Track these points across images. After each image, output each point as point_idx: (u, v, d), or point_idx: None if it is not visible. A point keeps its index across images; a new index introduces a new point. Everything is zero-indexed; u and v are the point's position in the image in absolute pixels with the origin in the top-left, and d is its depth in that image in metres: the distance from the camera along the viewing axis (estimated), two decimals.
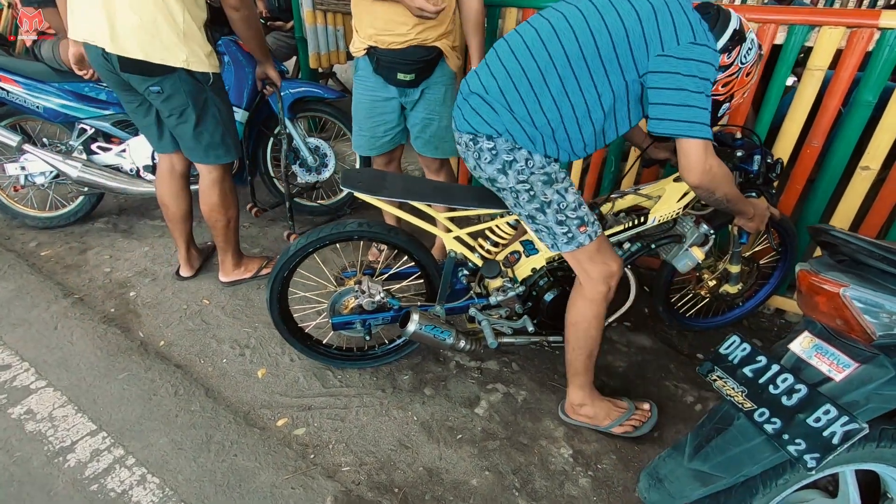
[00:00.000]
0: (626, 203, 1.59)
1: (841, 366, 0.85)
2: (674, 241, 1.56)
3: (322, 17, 3.10)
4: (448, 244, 1.51)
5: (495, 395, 1.68)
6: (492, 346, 1.52)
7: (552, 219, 1.26)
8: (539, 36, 1.15)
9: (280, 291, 1.58)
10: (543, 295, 1.56)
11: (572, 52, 1.12)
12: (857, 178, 1.76)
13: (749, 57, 1.20)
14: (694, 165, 1.13)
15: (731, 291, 1.78)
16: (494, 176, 1.25)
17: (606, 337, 1.97)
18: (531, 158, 1.20)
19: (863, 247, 0.80)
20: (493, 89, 1.18)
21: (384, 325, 1.62)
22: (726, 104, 1.26)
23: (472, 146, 1.24)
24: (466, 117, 1.23)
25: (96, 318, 1.92)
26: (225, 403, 1.62)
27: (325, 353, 1.72)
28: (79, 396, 1.59)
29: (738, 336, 0.99)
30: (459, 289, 1.61)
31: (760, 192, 1.54)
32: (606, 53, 1.11)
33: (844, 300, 0.81)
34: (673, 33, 1.08)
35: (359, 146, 2.02)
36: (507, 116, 1.17)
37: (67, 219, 2.52)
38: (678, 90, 1.09)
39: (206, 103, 1.74)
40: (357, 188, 1.39)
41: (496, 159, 1.21)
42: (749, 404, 0.89)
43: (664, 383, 1.78)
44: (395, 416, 1.60)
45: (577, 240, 1.28)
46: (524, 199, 1.25)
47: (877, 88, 1.62)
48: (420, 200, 1.41)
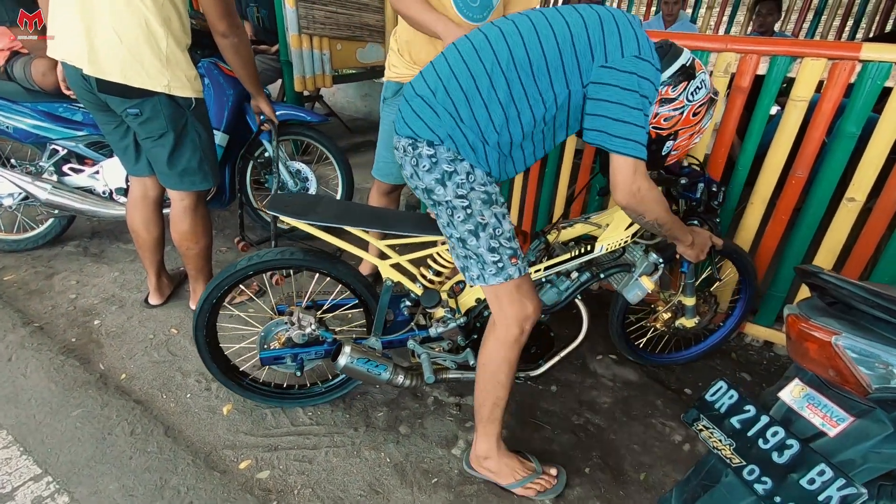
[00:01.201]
0: (576, 232, 1.54)
1: (835, 419, 0.78)
2: (623, 271, 1.51)
3: (308, 41, 3.10)
4: (384, 272, 1.43)
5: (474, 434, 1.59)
6: (428, 380, 1.44)
7: (485, 244, 1.16)
8: (487, 39, 1.11)
9: (206, 329, 1.48)
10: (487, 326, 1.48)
11: (518, 55, 1.08)
12: (843, 210, 1.73)
13: (697, 96, 1.18)
14: (621, 183, 1.11)
15: (688, 325, 1.72)
16: (432, 186, 1.14)
17: (591, 370, 1.90)
18: (472, 173, 1.12)
19: (856, 293, 0.75)
20: (440, 91, 1.11)
21: (318, 359, 1.53)
22: (670, 142, 1.23)
23: (411, 151, 1.15)
24: (407, 120, 1.15)
25: (55, 349, 1.82)
26: (185, 443, 1.51)
27: (258, 390, 1.61)
28: (25, 436, 1.48)
29: (724, 382, 0.93)
30: (402, 320, 1.53)
31: (703, 221, 1.53)
32: (552, 58, 1.07)
33: (836, 349, 0.75)
34: (618, 44, 1.06)
35: (388, 174, 1.96)
36: (450, 123, 1.10)
37: (36, 242, 2.42)
38: (616, 104, 1.06)
39: (186, 128, 1.68)
40: (284, 212, 1.31)
41: (435, 168, 1.12)
42: (738, 460, 0.82)
43: (651, 421, 1.70)
44: (367, 457, 1.51)
45: (507, 271, 1.17)
46: (459, 218, 1.15)
47: (860, 120, 1.61)
48: (354, 226, 1.33)
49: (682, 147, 1.26)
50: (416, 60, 1.72)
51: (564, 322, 1.78)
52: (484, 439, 1.39)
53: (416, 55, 1.72)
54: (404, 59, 1.75)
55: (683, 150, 1.28)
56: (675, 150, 1.26)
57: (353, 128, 4.23)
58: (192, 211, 1.82)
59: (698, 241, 1.40)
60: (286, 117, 2.44)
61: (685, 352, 1.95)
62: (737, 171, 1.88)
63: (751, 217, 1.91)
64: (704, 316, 1.74)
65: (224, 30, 1.67)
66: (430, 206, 1.22)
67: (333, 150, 2.58)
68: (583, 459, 1.55)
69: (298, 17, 2.99)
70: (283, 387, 1.65)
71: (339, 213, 1.35)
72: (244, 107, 2.40)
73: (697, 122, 1.23)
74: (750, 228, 1.92)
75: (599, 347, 2.01)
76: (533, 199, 2.39)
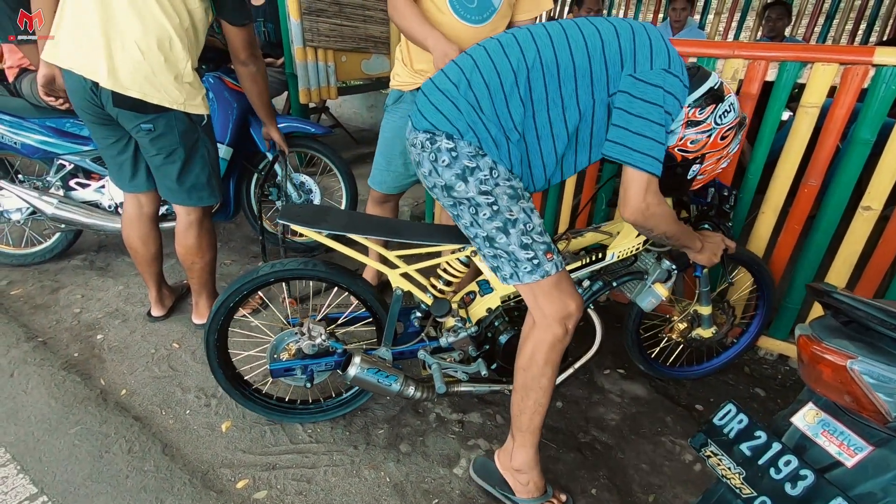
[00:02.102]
0: (586, 241, 1.51)
1: (853, 448, 0.73)
2: (636, 279, 1.47)
3: (313, 53, 3.11)
4: (394, 281, 1.40)
5: (477, 452, 1.55)
6: (439, 391, 1.40)
7: (516, 241, 1.09)
8: (516, 38, 1.09)
9: (218, 333, 1.47)
10: (499, 337, 1.45)
11: (546, 56, 1.05)
12: (859, 219, 1.67)
13: (725, 119, 1.15)
14: (631, 199, 1.08)
15: (704, 335, 1.67)
16: (452, 183, 1.08)
17: (598, 385, 1.85)
18: (496, 168, 1.07)
19: (873, 314, 0.70)
20: (462, 84, 1.07)
21: (328, 371, 1.51)
22: (696, 165, 1.20)
23: (429, 146, 1.09)
24: (425, 114, 1.11)
25: (57, 365, 1.82)
26: (182, 462, 1.49)
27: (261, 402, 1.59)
28: (24, 454, 1.47)
29: (733, 405, 0.88)
30: (412, 331, 1.50)
31: (715, 225, 1.49)
32: (581, 63, 1.05)
33: (852, 374, 0.71)
34: (648, 56, 1.04)
35: (381, 183, 1.94)
36: (471, 115, 1.05)
37: (43, 256, 2.44)
38: (638, 117, 1.03)
39: (197, 144, 1.69)
40: (295, 221, 1.30)
41: (455, 163, 1.06)
42: (748, 490, 0.78)
43: (660, 439, 1.64)
44: (367, 476, 1.47)
45: (543, 267, 1.10)
46: (485, 216, 1.09)
47: (874, 126, 1.55)
48: (363, 234, 1.32)
49: (708, 171, 1.23)
50: (417, 70, 1.71)
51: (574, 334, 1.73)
52: (522, 451, 1.32)
53: (416, 64, 1.71)
54: (407, 69, 1.74)
55: (710, 174, 1.25)
56: (701, 174, 1.23)
57: (359, 139, 4.24)
58: (198, 225, 1.82)
59: (709, 245, 1.38)
60: (291, 129, 2.44)
61: (699, 366, 1.89)
62: (747, 178, 1.83)
63: (762, 226, 1.85)
64: (721, 327, 1.69)
65: (245, 58, 1.71)
66: (448, 205, 1.15)
67: (337, 161, 2.58)
68: (589, 479, 1.49)
69: (303, 30, 3.00)
70: (285, 401, 1.63)
71: (348, 223, 1.34)
72: (248, 120, 2.41)
73: (725, 146, 1.19)
74: (762, 238, 1.86)
75: (607, 362, 1.95)
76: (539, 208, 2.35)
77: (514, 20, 1.70)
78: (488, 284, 1.45)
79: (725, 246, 1.43)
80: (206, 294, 1.98)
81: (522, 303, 1.45)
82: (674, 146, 1.16)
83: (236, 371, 1.58)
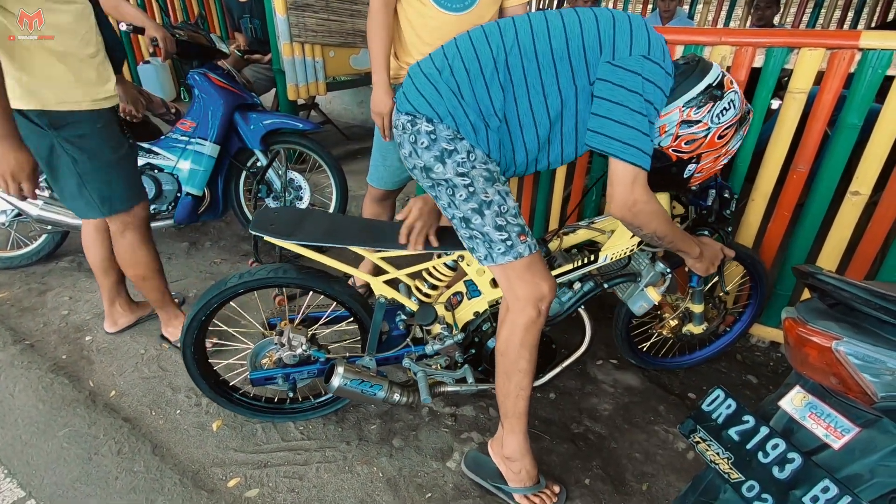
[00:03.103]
0: (578, 238, 1.47)
1: (839, 430, 0.73)
2: (629, 280, 1.45)
3: (300, 48, 3.08)
4: (377, 289, 1.37)
5: (470, 446, 1.54)
6: (425, 402, 1.37)
7: (490, 222, 1.11)
8: (498, 26, 1.10)
9: (195, 346, 1.44)
10: (487, 341, 1.42)
11: (525, 41, 1.05)
12: (848, 204, 1.67)
13: (723, 118, 1.11)
14: (617, 194, 1.05)
15: (696, 331, 1.66)
16: (430, 164, 1.10)
17: (591, 376, 1.85)
18: (473, 152, 1.09)
19: (857, 295, 0.70)
20: (445, 70, 1.09)
21: (310, 378, 1.48)
22: (692, 165, 1.17)
23: (410, 128, 1.11)
24: (408, 96, 1.12)
25: (45, 367, 1.79)
26: (173, 462, 1.47)
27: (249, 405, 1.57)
28: (11, 457, 1.45)
29: (721, 390, 0.88)
30: (397, 335, 1.47)
31: (714, 231, 1.44)
32: (558, 48, 1.04)
33: (838, 355, 0.70)
34: (627, 43, 1.02)
35: (379, 179, 1.90)
36: (452, 100, 1.07)
37: (30, 258, 2.41)
38: (619, 105, 1.01)
39: (53, 151, 1.44)
40: (267, 232, 1.24)
41: (434, 145, 1.08)
42: (736, 475, 0.77)
43: (653, 428, 1.64)
44: (360, 472, 1.46)
45: (517, 249, 1.12)
46: (461, 197, 1.10)
47: (861, 111, 1.55)
48: (343, 244, 1.27)
49: (706, 170, 1.20)
50: (405, 63, 1.70)
51: (565, 328, 1.73)
52: (512, 438, 1.31)
53: (404, 57, 1.70)
54: (396, 62, 1.72)
55: (708, 172, 1.21)
56: (698, 172, 1.19)
57: (350, 135, 4.22)
58: (119, 237, 1.67)
59: (707, 253, 1.32)
60: (279, 126, 2.42)
61: (691, 356, 1.89)
62: (736, 166, 1.82)
63: (752, 214, 1.85)
64: (713, 322, 1.68)
65: None
66: (427, 186, 1.17)
67: (327, 158, 2.56)
68: (583, 470, 1.49)
69: (290, 26, 2.97)
70: (274, 401, 1.61)
71: (327, 230, 1.30)
72: (235, 117, 2.38)
73: (723, 144, 1.15)
74: (752, 226, 1.86)
75: (600, 352, 1.95)
76: (529, 203, 2.35)
77: (505, 7, 1.68)
78: (476, 287, 1.42)
79: (724, 255, 1.38)
80: (163, 306, 1.87)
81: None
82: (668, 146, 1.13)
83: (221, 378, 1.56)
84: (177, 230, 2.79)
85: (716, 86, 1.09)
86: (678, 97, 1.08)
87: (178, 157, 2.32)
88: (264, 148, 2.43)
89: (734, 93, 1.12)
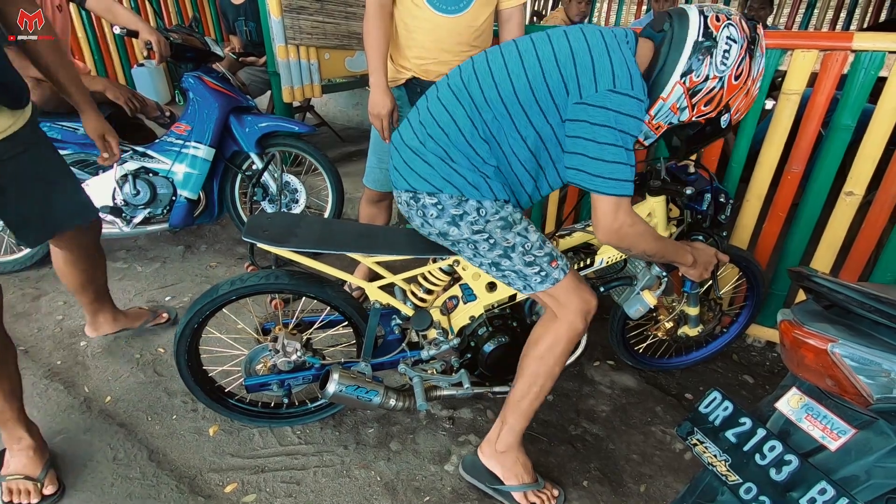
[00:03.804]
0: (574, 241, 1.48)
1: (836, 432, 0.73)
2: (625, 283, 1.45)
3: (295, 51, 3.07)
4: (371, 295, 1.37)
5: (468, 449, 1.54)
6: (420, 408, 1.36)
7: (519, 262, 1.16)
8: (462, 80, 1.11)
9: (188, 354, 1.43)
10: (483, 345, 1.42)
11: (492, 98, 1.07)
12: (842, 204, 1.68)
13: (729, 60, 1.01)
14: (601, 222, 1.08)
15: (691, 334, 1.66)
16: (445, 230, 1.16)
17: (588, 378, 1.85)
18: (482, 206, 1.12)
19: (853, 297, 0.70)
20: (428, 141, 1.12)
21: (305, 384, 1.47)
22: (725, 115, 1.11)
23: (415, 204, 1.16)
24: (403, 174, 1.16)
25: (39, 374, 1.78)
26: (169, 467, 1.46)
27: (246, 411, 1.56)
28: None
29: (718, 392, 0.88)
30: (393, 340, 1.47)
31: (709, 235, 1.44)
32: (525, 98, 1.06)
33: (833, 357, 0.70)
34: (591, 79, 1.00)
35: (375, 181, 1.91)
36: (444, 169, 1.10)
37: (23, 263, 2.39)
38: (591, 142, 1.01)
39: None
40: (260, 239, 1.23)
41: (443, 214, 1.14)
42: (734, 477, 0.77)
43: (650, 429, 1.64)
44: (357, 476, 1.46)
45: (552, 276, 1.17)
46: (484, 249, 1.16)
47: (854, 112, 1.56)
48: (339, 250, 1.26)
49: (742, 109, 1.13)
50: (401, 65, 1.70)
51: None
52: (510, 434, 1.33)
53: (399, 59, 1.70)
54: (392, 64, 1.72)
55: (745, 109, 1.14)
56: (735, 113, 1.13)
57: (346, 137, 4.21)
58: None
59: (701, 259, 1.32)
60: (274, 128, 2.41)
61: (687, 356, 1.90)
62: (731, 167, 1.84)
63: (747, 215, 1.86)
64: (708, 324, 1.68)
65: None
66: (447, 245, 1.22)
67: (322, 160, 2.55)
68: (580, 472, 1.49)
69: (285, 28, 2.96)
70: (270, 406, 1.61)
71: (321, 236, 1.29)
72: (230, 120, 2.37)
73: (744, 80, 1.05)
74: (747, 227, 1.87)
75: (597, 353, 1.96)
76: None
77: (500, 9, 1.68)
78: (471, 291, 1.41)
79: (718, 261, 1.38)
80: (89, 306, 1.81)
81: (506, 311, 1.43)
82: (690, 118, 1.09)
83: (216, 384, 1.55)
84: (172, 234, 2.77)
85: (702, 37, 1.00)
86: (670, 74, 1.03)
87: (173, 160, 2.31)
88: (260, 151, 2.42)
89: (728, 26, 1.01)
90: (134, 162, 2.28)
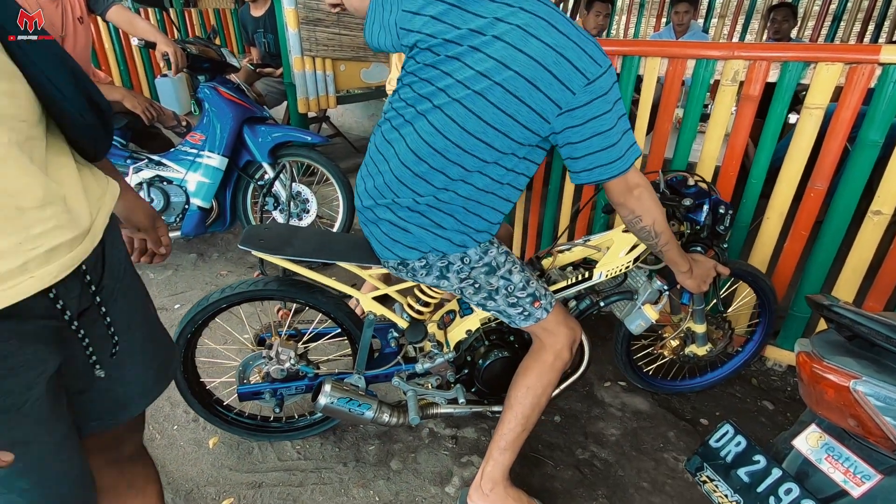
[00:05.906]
0: (574, 256, 1.43)
1: (859, 476, 0.67)
2: (626, 298, 1.40)
3: (311, 62, 3.11)
4: (366, 305, 1.35)
5: (470, 470, 1.49)
6: (413, 422, 1.34)
7: (503, 303, 1.20)
8: (422, 139, 1.04)
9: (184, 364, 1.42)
10: (479, 360, 1.38)
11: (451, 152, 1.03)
12: (869, 224, 1.60)
13: None
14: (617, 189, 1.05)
15: (699, 353, 1.59)
16: (436, 283, 1.20)
17: (598, 399, 1.78)
18: (466, 256, 1.14)
19: (877, 331, 0.64)
20: (404, 212, 1.09)
21: (298, 394, 1.45)
22: None
23: (403, 269, 1.19)
24: (387, 246, 1.15)
25: None
26: (167, 479, 1.45)
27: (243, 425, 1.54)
28: None
29: (731, 425, 0.82)
30: (389, 353, 1.44)
31: (708, 247, 1.39)
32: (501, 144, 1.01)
33: (856, 396, 0.65)
34: (562, 88, 0.94)
35: None
36: (426, 235, 1.10)
37: None
38: (596, 136, 0.97)
39: None
40: (257, 247, 1.23)
41: (432, 270, 1.16)
42: None
43: (662, 455, 1.57)
44: (356, 495, 1.42)
45: (534, 315, 1.21)
46: (470, 293, 1.21)
47: (883, 127, 1.49)
48: (333, 259, 1.25)
49: None
50: None
51: None
52: (497, 468, 1.30)
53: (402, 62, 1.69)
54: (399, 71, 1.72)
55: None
56: None
57: (360, 148, 4.23)
58: None
59: (699, 270, 1.27)
60: (287, 139, 2.42)
61: (700, 378, 1.82)
62: (750, 182, 1.77)
63: (767, 233, 1.78)
64: (718, 343, 1.61)
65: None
66: (440, 289, 1.26)
67: (334, 171, 2.55)
68: (587, 498, 1.43)
69: (301, 40, 3.01)
70: (269, 420, 1.58)
71: (317, 246, 1.27)
72: (244, 130, 2.40)
73: None
74: (767, 245, 1.80)
75: (607, 374, 1.89)
76: (536, 220, 2.30)
77: None
78: (468, 305, 1.39)
79: (717, 273, 1.33)
80: None
81: (503, 324, 1.40)
82: None
83: (214, 397, 1.54)
84: (185, 241, 2.80)
85: None
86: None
87: (187, 169, 2.34)
88: (272, 160, 2.44)
89: None
90: (149, 170, 2.32)
